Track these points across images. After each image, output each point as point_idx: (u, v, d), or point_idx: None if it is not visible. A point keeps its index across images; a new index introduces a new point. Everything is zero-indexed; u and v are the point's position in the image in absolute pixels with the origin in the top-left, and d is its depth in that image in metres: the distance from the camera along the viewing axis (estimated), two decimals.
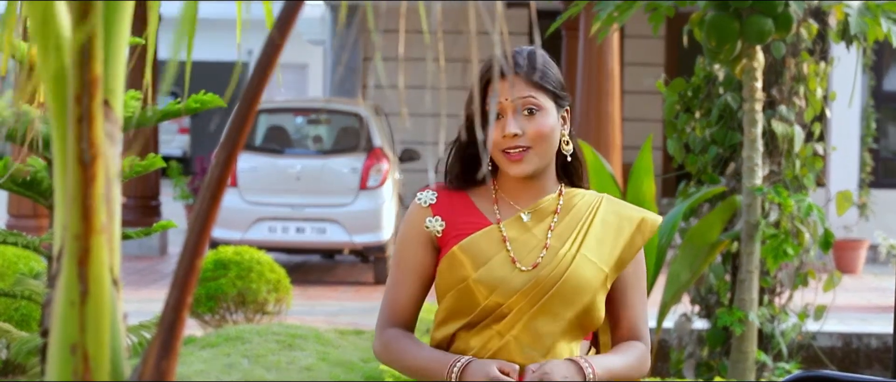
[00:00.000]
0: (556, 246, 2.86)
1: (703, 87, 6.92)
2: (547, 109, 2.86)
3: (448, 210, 2.90)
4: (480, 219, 2.89)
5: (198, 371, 7.32)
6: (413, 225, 2.91)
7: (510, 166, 2.83)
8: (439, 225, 2.88)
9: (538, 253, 2.85)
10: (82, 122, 1.35)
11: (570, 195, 2.94)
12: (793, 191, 6.68)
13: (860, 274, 13.43)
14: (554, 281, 2.83)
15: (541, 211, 2.90)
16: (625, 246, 2.91)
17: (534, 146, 2.84)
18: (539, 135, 2.83)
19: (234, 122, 1.45)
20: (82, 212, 1.35)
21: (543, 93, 2.86)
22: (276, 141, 13.40)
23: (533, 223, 2.89)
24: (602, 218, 2.92)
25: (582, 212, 2.91)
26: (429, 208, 2.91)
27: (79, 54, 1.33)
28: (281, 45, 1.42)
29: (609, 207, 2.95)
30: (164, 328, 1.41)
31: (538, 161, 2.84)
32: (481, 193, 2.94)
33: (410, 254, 2.91)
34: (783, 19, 6.13)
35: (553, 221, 2.90)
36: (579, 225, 2.89)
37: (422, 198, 2.92)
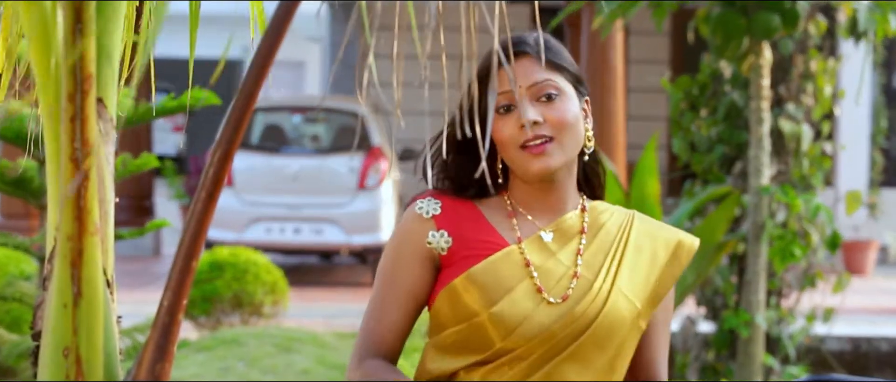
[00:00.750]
0: (588, 275, 2.39)
1: (709, 85, 6.89)
2: (568, 94, 2.40)
3: (455, 224, 2.40)
4: (495, 237, 2.40)
5: (193, 375, 7.24)
6: (411, 240, 2.40)
7: (531, 162, 2.35)
8: (445, 242, 2.39)
9: (568, 284, 2.38)
10: (75, 121, 1.34)
11: (596, 211, 2.47)
12: (800, 190, 6.65)
13: (870, 275, 13.35)
14: (589, 319, 2.36)
15: (564, 231, 2.43)
16: (660, 277, 2.45)
17: (557, 136, 2.36)
18: (562, 122, 2.36)
19: (231, 121, 1.44)
20: (75, 213, 1.34)
21: (562, 76, 2.41)
22: (273, 139, 13.33)
23: (557, 245, 2.41)
24: (635, 242, 2.46)
25: (612, 234, 2.45)
26: (432, 220, 2.40)
27: (72, 52, 1.32)
28: (278, 42, 1.41)
29: (642, 228, 2.48)
30: (159, 330, 1.41)
31: (562, 155, 2.37)
32: (492, 204, 2.46)
33: (405, 273, 2.40)
34: (790, 15, 6.10)
35: (581, 244, 2.42)
36: (612, 250, 2.43)
37: (423, 208, 2.41)
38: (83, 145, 1.33)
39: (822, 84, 6.77)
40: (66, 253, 1.35)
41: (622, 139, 10.49)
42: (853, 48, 6.90)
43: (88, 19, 1.32)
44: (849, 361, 8.52)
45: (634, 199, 6.23)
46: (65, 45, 1.32)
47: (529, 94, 2.38)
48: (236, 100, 1.44)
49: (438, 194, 2.44)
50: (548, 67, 2.40)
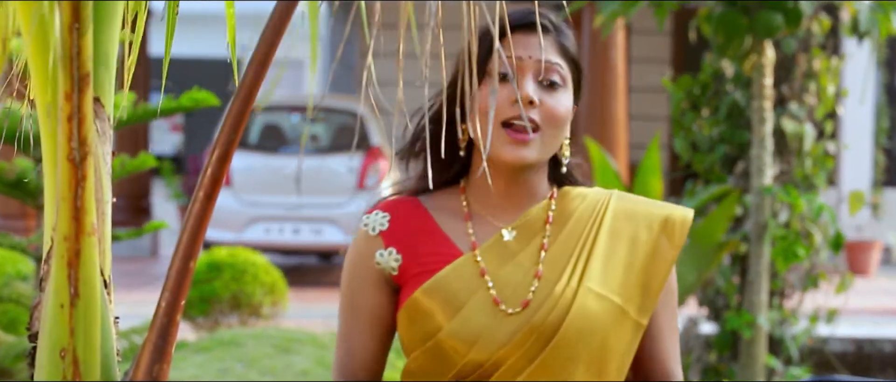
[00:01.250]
0: (550, 275, 2.11)
1: (710, 84, 6.87)
2: (569, 89, 2.16)
3: (404, 237, 2.15)
4: (447, 247, 2.14)
5: (191, 376, 7.21)
6: (361, 262, 2.17)
7: (508, 147, 2.08)
8: (394, 260, 2.14)
9: (528, 288, 2.10)
10: (72, 120, 1.33)
11: (567, 198, 2.19)
12: (803, 190, 6.63)
13: (873, 275, 13.33)
14: (553, 327, 2.08)
15: (528, 226, 2.15)
16: (646, 263, 2.13)
17: (545, 128, 2.10)
18: (555, 116, 2.11)
19: (229, 120, 1.43)
20: (72, 213, 1.34)
21: (569, 67, 2.17)
22: (272, 139, 13.32)
23: (519, 243, 2.14)
24: (610, 226, 2.14)
25: (583, 222, 2.15)
26: (379, 237, 2.16)
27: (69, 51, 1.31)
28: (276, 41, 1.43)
29: (619, 209, 2.16)
30: (157, 331, 1.40)
31: (541, 152, 2.12)
32: (446, 205, 2.19)
33: (363, 300, 2.17)
34: (793, 14, 6.08)
35: (545, 238, 2.14)
36: (580, 241, 2.13)
37: (369, 223, 2.17)
38: (80, 145, 1.33)
39: (825, 83, 6.75)
40: (63, 254, 1.34)
41: (624, 139, 10.47)
42: (856, 47, 6.88)
43: (85, 18, 1.31)
44: (852, 362, 8.49)
45: None
46: (62, 43, 1.31)
47: (533, 71, 2.13)
48: (234, 99, 1.43)
49: (390, 204, 2.20)
50: (560, 52, 2.16)
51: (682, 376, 2.25)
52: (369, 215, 2.19)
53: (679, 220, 2.16)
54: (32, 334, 1.42)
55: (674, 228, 2.15)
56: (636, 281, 2.13)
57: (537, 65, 2.12)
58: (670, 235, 2.15)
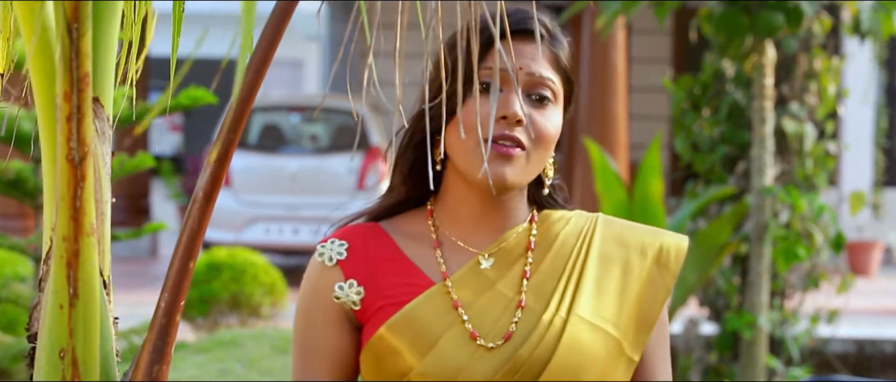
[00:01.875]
0: (535, 305, 1.89)
1: (711, 84, 6.86)
2: (558, 103, 1.95)
3: (366, 267, 1.92)
4: (415, 276, 1.92)
5: (191, 377, 7.20)
6: (317, 297, 1.93)
7: (493, 164, 1.88)
8: (356, 293, 1.91)
9: (510, 319, 1.88)
10: (71, 120, 1.32)
11: (548, 222, 1.99)
12: (804, 190, 6.62)
13: (874, 276, 13.31)
14: (542, 361, 1.86)
15: (507, 252, 1.94)
16: (641, 292, 1.94)
17: (532, 149, 1.90)
18: (544, 135, 1.91)
19: (228, 120, 1.41)
20: (71, 213, 1.33)
21: (561, 81, 1.96)
22: (271, 139, 13.31)
23: (497, 271, 1.92)
24: (600, 251, 1.95)
25: (569, 247, 1.96)
26: (337, 268, 1.92)
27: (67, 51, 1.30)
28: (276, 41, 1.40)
29: (608, 233, 1.98)
30: (156, 332, 1.39)
31: (524, 173, 1.91)
32: (411, 230, 1.97)
33: (319, 339, 1.92)
34: (794, 14, 6.08)
35: (527, 265, 1.93)
36: (568, 267, 1.93)
37: (324, 253, 1.94)
38: (79, 145, 1.32)
39: (825, 83, 6.74)
40: (62, 254, 1.34)
41: (624, 139, 10.46)
42: (857, 47, 6.86)
43: (85, 18, 1.30)
44: (853, 363, 8.48)
45: (638, 200, 6.21)
46: (61, 43, 1.31)
47: (523, 85, 1.92)
48: (234, 99, 1.42)
49: (347, 231, 1.96)
50: (552, 63, 1.94)
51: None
52: (324, 244, 1.94)
53: (674, 249, 1.98)
54: (31, 334, 1.41)
55: (669, 257, 1.97)
56: (630, 313, 1.92)
57: (528, 78, 1.91)
58: (665, 264, 1.97)
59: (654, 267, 1.96)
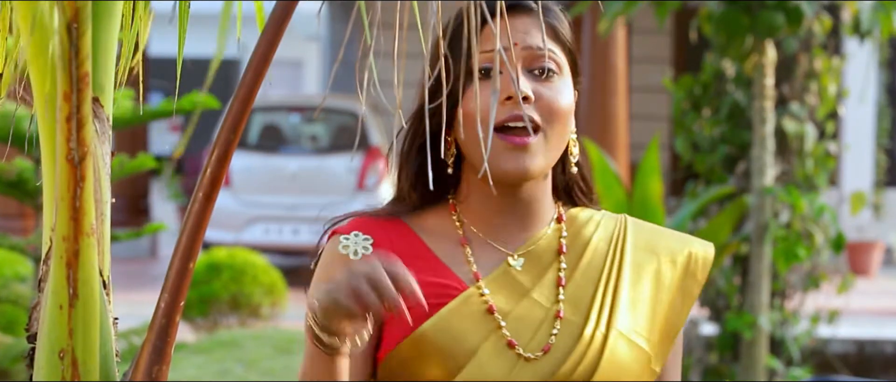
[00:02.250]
0: (574, 317, 1.79)
1: (711, 84, 6.86)
2: (566, 77, 1.82)
3: None
4: (445, 277, 1.78)
5: (190, 377, 7.20)
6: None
7: (507, 156, 1.74)
8: None
9: (549, 331, 1.77)
10: (71, 121, 1.32)
11: (577, 223, 1.87)
12: (804, 191, 6.61)
13: (874, 276, 13.28)
14: (583, 378, 1.77)
15: (537, 255, 1.82)
16: (671, 304, 1.85)
17: (548, 126, 1.77)
18: (556, 108, 1.77)
19: (228, 121, 1.41)
20: (71, 213, 1.33)
21: (563, 52, 1.83)
22: (271, 139, 13.30)
23: (529, 276, 1.81)
24: (634, 260, 1.85)
25: (602, 253, 1.85)
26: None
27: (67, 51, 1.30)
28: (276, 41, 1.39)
29: (639, 240, 1.88)
30: (156, 332, 1.39)
31: (546, 156, 1.78)
32: (436, 227, 1.83)
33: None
34: (794, 14, 6.06)
35: (560, 271, 1.82)
36: (603, 276, 1.83)
37: (349, 247, 1.79)
38: (79, 145, 1.32)
39: (826, 83, 6.73)
40: (61, 255, 1.33)
41: (624, 139, 10.45)
42: (858, 47, 6.86)
43: (84, 17, 1.30)
44: (853, 363, 8.46)
45: (637, 200, 6.20)
46: (60, 43, 1.30)
47: (522, 61, 1.79)
48: (234, 99, 1.41)
49: (369, 224, 1.82)
50: (550, 35, 1.82)
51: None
52: (347, 236, 1.79)
53: (702, 257, 1.89)
54: (31, 335, 1.41)
55: (697, 266, 1.88)
56: (660, 325, 1.83)
57: (526, 52, 1.78)
58: (692, 274, 1.87)
59: (683, 277, 1.86)
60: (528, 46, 1.78)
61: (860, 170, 14.07)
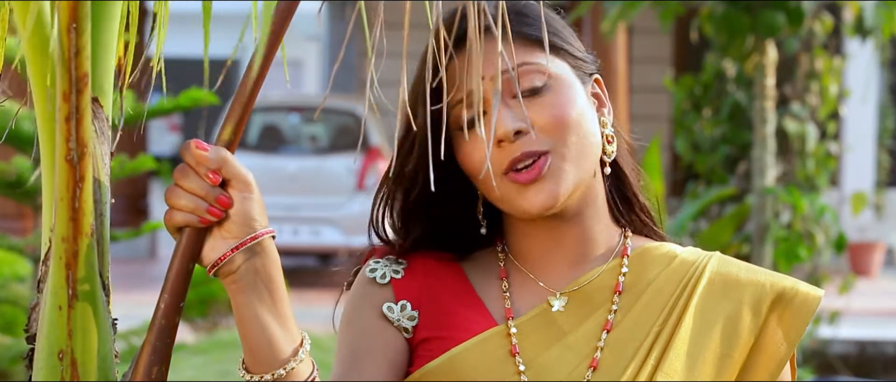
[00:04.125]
0: (614, 362, 1.55)
1: (712, 84, 6.85)
2: (561, 78, 1.58)
3: (424, 291, 1.62)
4: (476, 311, 1.61)
5: (190, 378, 7.19)
6: (365, 312, 1.62)
7: (525, 195, 1.55)
8: (408, 319, 1.60)
9: (579, 379, 1.56)
10: (70, 121, 1.31)
11: (646, 258, 1.62)
12: (805, 191, 6.60)
13: (876, 277, 13.26)
14: None
15: (588, 295, 1.59)
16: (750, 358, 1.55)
17: (555, 146, 1.55)
18: (559, 121, 1.55)
19: (229, 121, 1.40)
20: (70, 214, 1.32)
21: (551, 54, 1.59)
22: (271, 139, 13.29)
23: (572, 318, 1.59)
24: (701, 303, 1.57)
25: (666, 294, 1.58)
26: (389, 286, 1.62)
27: (67, 51, 1.29)
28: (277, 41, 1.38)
29: (717, 278, 1.58)
30: (155, 333, 1.37)
31: (570, 173, 1.55)
32: (480, 259, 1.66)
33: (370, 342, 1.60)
34: (795, 13, 6.05)
35: (610, 314, 1.58)
36: (659, 320, 1.56)
37: (377, 271, 1.64)
38: (79, 145, 1.31)
39: (827, 83, 6.73)
40: (61, 255, 1.32)
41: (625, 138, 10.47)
42: (859, 47, 6.85)
43: (84, 17, 1.29)
44: (854, 364, 8.44)
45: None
46: (60, 43, 1.29)
47: (500, 89, 1.55)
48: (234, 100, 1.40)
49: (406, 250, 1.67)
50: (523, 45, 1.57)
51: None
52: (377, 260, 1.64)
53: (801, 300, 1.56)
54: (30, 336, 1.40)
55: (789, 309, 1.56)
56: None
57: (504, 77, 1.56)
58: (783, 320, 1.55)
59: (770, 323, 1.56)
60: (504, 70, 1.54)
61: (861, 171, 14.05)
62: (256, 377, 1.42)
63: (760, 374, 1.55)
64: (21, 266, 7.09)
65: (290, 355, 1.42)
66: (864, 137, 13.92)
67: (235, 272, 1.40)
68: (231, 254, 1.39)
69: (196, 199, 1.39)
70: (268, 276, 1.41)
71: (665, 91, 9.50)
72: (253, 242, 1.40)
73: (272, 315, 1.42)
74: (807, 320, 1.56)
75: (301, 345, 1.44)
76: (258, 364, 1.42)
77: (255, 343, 1.42)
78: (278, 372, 1.41)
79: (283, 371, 1.42)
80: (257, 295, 1.41)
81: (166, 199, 1.41)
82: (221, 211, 1.39)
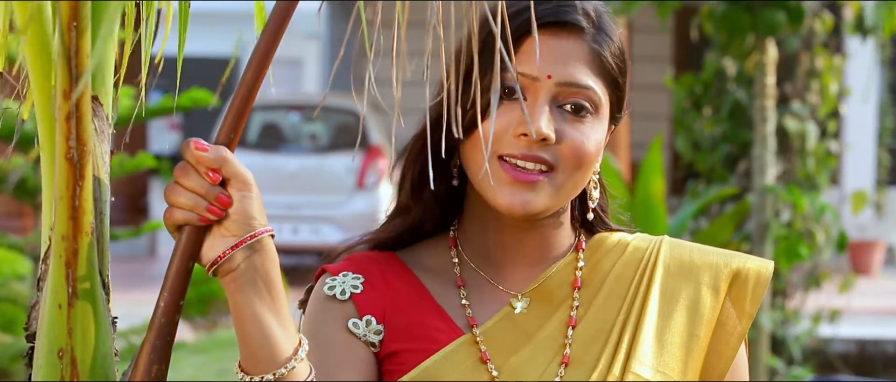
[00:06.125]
0: (583, 360, 1.56)
1: (712, 83, 6.85)
2: (601, 115, 1.57)
3: (386, 303, 1.60)
4: (440, 320, 1.60)
5: (189, 377, 7.17)
6: (329, 328, 1.60)
7: (506, 190, 1.54)
8: (374, 333, 1.59)
9: (552, 377, 1.56)
10: (70, 119, 1.31)
11: (600, 251, 1.64)
12: (805, 190, 6.60)
13: (876, 276, 13.26)
14: None
15: (547, 293, 1.60)
16: (713, 336, 1.59)
17: (563, 170, 1.54)
18: (580, 156, 1.54)
19: (228, 120, 1.39)
20: (70, 212, 1.32)
21: (604, 86, 1.57)
22: (271, 138, 13.28)
23: (535, 319, 1.59)
24: (664, 286, 1.59)
25: (625, 282, 1.60)
26: (350, 302, 1.61)
27: (66, 49, 1.29)
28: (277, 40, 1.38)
29: (673, 262, 1.61)
30: (155, 332, 1.37)
31: (553, 199, 1.55)
32: (433, 263, 1.64)
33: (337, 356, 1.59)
34: (795, 12, 6.05)
35: (573, 310, 1.59)
36: (624, 309, 1.59)
37: (336, 287, 1.61)
38: (79, 144, 1.31)
39: (827, 82, 6.73)
40: (61, 254, 1.32)
41: (625, 138, 10.44)
42: (860, 45, 6.84)
43: (84, 16, 1.29)
44: (855, 363, 8.44)
45: (639, 199, 6.18)
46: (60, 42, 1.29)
47: (554, 92, 1.54)
48: (234, 99, 1.40)
49: (359, 261, 1.64)
50: (593, 66, 1.55)
51: None
52: (332, 276, 1.62)
53: (754, 276, 1.59)
54: (30, 334, 1.39)
55: (746, 287, 1.59)
56: (695, 366, 1.58)
57: (561, 87, 1.54)
58: (741, 297, 1.59)
59: (727, 304, 1.59)
60: (566, 81, 1.54)
61: (862, 169, 14.04)
62: (256, 377, 1.41)
63: (723, 349, 1.59)
64: (21, 264, 7.09)
65: (290, 354, 1.41)
66: (865, 136, 13.91)
67: (235, 270, 1.40)
68: (230, 253, 1.39)
69: (196, 198, 1.39)
70: (267, 275, 1.41)
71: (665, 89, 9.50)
72: (252, 240, 1.40)
73: (271, 313, 1.41)
74: (761, 295, 1.60)
75: (300, 345, 1.42)
76: (258, 363, 1.41)
77: (254, 343, 1.41)
78: (279, 371, 1.40)
79: (284, 370, 1.40)
80: (256, 294, 1.40)
81: (166, 197, 1.41)
82: (221, 210, 1.39)
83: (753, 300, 1.60)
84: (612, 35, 1.59)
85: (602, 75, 1.57)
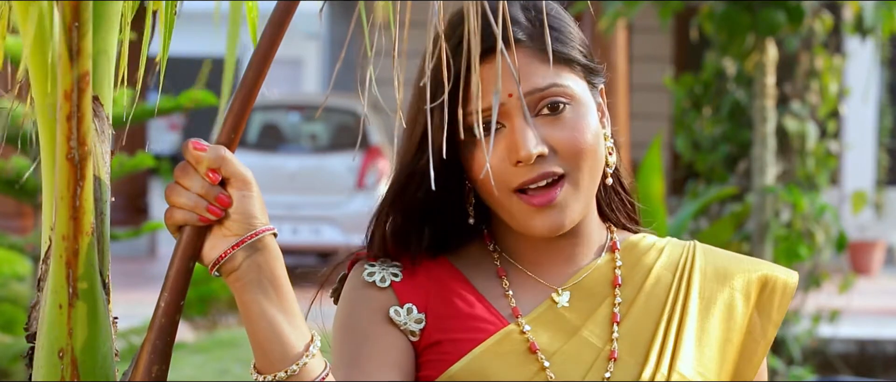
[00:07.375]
0: (630, 358, 1.58)
1: (712, 83, 6.85)
2: (581, 99, 1.57)
3: (426, 292, 1.59)
4: (484, 311, 1.59)
5: (189, 377, 7.19)
6: (368, 317, 1.58)
7: (535, 217, 1.55)
8: (415, 322, 1.58)
9: (601, 374, 1.57)
10: (71, 119, 1.31)
11: (635, 250, 1.66)
12: (805, 190, 6.60)
13: (876, 276, 13.25)
14: None
15: (587, 288, 1.62)
16: (744, 341, 1.62)
17: (570, 169, 1.55)
18: (578, 148, 1.55)
19: (228, 120, 1.39)
20: (71, 212, 1.32)
21: (569, 70, 1.57)
22: (270, 138, 13.28)
23: (578, 313, 1.60)
24: (701, 291, 1.62)
25: (665, 285, 1.62)
26: (390, 290, 1.60)
27: (68, 50, 1.29)
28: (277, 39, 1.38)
29: (708, 268, 1.63)
30: (155, 332, 1.37)
31: (580, 200, 1.57)
32: (470, 255, 1.63)
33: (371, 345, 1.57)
34: (795, 12, 6.05)
35: (615, 307, 1.61)
36: (666, 311, 1.61)
37: (375, 275, 1.60)
38: (79, 144, 1.31)
39: (827, 82, 6.73)
40: (61, 254, 1.33)
41: (625, 138, 10.46)
42: (859, 45, 6.84)
43: (85, 17, 1.30)
44: (855, 363, 8.44)
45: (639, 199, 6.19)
46: (61, 42, 1.29)
47: (525, 105, 1.52)
48: (234, 98, 1.40)
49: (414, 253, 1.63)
50: (548, 60, 1.54)
51: None
52: (374, 264, 1.60)
53: (781, 286, 1.63)
54: (30, 334, 1.40)
55: (773, 296, 1.63)
56: (729, 369, 1.61)
57: (529, 98, 1.55)
58: (768, 305, 1.63)
59: (758, 306, 1.63)
60: (531, 89, 1.54)
61: (862, 169, 14.04)
62: (270, 376, 1.41)
63: (750, 357, 1.62)
64: (21, 264, 7.09)
65: (301, 350, 1.41)
66: (865, 136, 13.91)
67: (237, 269, 1.40)
68: (231, 252, 1.40)
69: (196, 198, 1.39)
70: (271, 273, 1.41)
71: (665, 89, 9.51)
72: (253, 239, 1.40)
73: (279, 311, 1.41)
74: (787, 304, 1.64)
75: (312, 341, 1.42)
76: (270, 362, 1.41)
77: (264, 341, 1.41)
78: (291, 369, 1.40)
79: (296, 367, 1.40)
80: (263, 292, 1.40)
81: (166, 197, 1.42)
82: (221, 210, 1.40)
83: (780, 309, 1.64)
84: (560, 24, 1.59)
85: (560, 62, 1.56)
